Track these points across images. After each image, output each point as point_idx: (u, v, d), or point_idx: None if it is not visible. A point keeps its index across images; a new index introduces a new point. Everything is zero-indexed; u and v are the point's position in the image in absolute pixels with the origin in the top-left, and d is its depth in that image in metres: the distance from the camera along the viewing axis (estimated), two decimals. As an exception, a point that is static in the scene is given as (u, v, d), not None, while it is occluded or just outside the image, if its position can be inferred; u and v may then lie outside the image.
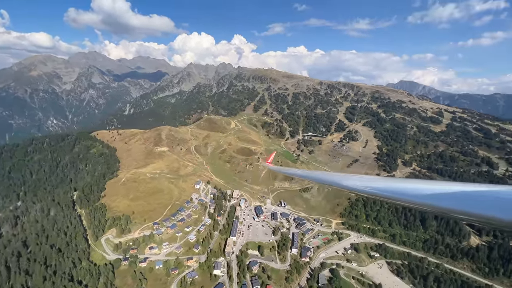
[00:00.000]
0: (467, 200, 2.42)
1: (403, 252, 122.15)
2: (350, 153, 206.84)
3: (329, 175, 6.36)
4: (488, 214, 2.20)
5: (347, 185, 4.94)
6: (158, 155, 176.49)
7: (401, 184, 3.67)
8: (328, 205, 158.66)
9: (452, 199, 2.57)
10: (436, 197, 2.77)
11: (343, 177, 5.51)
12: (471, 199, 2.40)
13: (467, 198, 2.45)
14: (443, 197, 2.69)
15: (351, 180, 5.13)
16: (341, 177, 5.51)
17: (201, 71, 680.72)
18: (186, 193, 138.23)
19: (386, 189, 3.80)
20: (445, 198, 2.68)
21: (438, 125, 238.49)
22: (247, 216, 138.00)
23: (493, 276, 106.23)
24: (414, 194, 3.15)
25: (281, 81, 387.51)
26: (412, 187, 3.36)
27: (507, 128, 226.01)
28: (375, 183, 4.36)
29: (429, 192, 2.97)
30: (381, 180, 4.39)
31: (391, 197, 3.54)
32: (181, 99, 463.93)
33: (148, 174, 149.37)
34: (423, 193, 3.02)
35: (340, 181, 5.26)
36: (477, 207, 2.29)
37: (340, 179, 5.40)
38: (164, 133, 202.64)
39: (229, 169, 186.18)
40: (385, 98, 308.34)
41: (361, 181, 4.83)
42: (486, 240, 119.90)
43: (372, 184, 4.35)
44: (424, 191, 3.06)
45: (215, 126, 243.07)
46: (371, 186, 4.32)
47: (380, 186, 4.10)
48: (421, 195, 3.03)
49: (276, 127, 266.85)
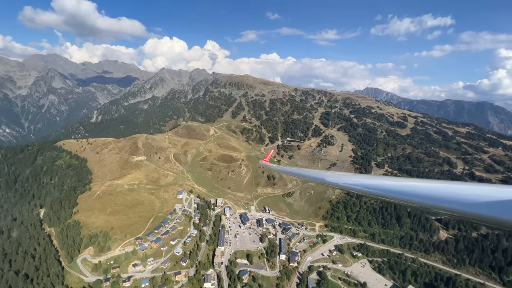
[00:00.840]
0: (468, 201, 2.39)
1: (382, 249, 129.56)
2: (328, 157, 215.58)
3: (324, 174, 6.42)
4: (490, 214, 2.19)
5: (344, 183, 5.01)
6: (135, 165, 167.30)
7: (397, 183, 3.66)
8: (311, 208, 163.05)
9: (453, 200, 2.50)
10: (441, 198, 2.68)
11: (338, 175, 5.75)
12: (472, 200, 2.38)
13: (468, 199, 2.42)
14: (447, 199, 2.60)
15: (346, 178, 5.27)
16: (336, 176, 5.72)
17: (175, 77, 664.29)
18: (168, 204, 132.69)
19: (381, 188, 3.81)
20: (447, 199, 2.60)
21: (404, 129, 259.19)
22: (233, 224, 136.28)
23: (460, 266, 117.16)
24: (410, 193, 3.13)
25: (258, 88, 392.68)
26: (408, 186, 3.36)
27: (460, 130, 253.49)
28: (371, 181, 4.39)
29: (431, 192, 2.89)
30: (376, 178, 4.37)
31: (386, 196, 3.56)
32: (154, 106, 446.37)
33: (125, 186, 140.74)
34: (421, 193, 2.98)
35: (337, 179, 5.40)
36: (478, 208, 2.29)
37: (336, 177, 5.60)
38: (141, 142, 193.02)
39: (211, 177, 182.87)
40: (356, 104, 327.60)
41: (357, 179, 4.88)
42: (452, 233, 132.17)
43: (368, 182, 4.38)
44: (423, 191, 3.03)
45: (194, 133, 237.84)
46: (367, 184, 4.33)
47: (375, 184, 4.13)
48: (419, 194, 3.00)
49: (256, 133, 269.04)
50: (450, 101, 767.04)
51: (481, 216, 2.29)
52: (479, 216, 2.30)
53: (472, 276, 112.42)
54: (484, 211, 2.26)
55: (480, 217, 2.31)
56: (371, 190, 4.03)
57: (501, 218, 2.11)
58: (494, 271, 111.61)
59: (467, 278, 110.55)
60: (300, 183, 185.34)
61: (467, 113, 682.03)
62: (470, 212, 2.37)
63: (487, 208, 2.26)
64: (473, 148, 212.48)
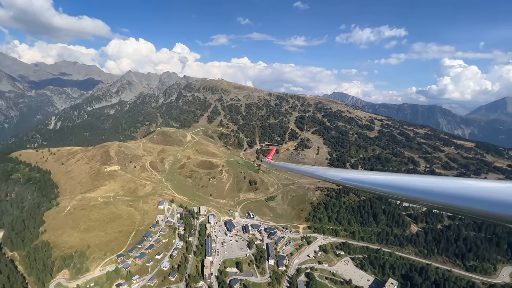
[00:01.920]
0: (474, 197, 2.44)
1: (362, 246, 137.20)
2: (306, 160, 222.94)
3: (326, 170, 6.60)
4: (492, 210, 2.23)
5: (345, 177, 5.21)
6: (108, 176, 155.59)
7: (396, 177, 3.81)
8: (293, 211, 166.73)
9: (458, 197, 2.57)
10: (440, 194, 2.80)
11: (339, 171, 5.91)
12: (476, 196, 2.44)
13: (473, 196, 2.48)
14: (448, 194, 2.70)
15: (347, 173, 5.46)
16: (337, 171, 5.89)
17: (143, 80, 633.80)
18: (149, 215, 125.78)
19: (383, 184, 3.91)
20: (448, 194, 2.70)
21: (372, 131, 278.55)
22: (218, 232, 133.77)
23: (430, 256, 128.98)
24: (410, 188, 3.26)
25: (233, 92, 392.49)
26: (409, 181, 3.47)
27: (419, 132, 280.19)
28: (373, 176, 4.48)
29: (432, 188, 3.01)
30: (377, 174, 4.49)
31: (386, 192, 3.67)
32: (122, 111, 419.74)
33: (100, 199, 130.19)
34: (422, 189, 3.10)
35: (338, 174, 5.52)
36: (481, 204, 2.33)
37: (337, 172, 5.73)
38: (113, 150, 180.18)
39: (192, 184, 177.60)
40: (328, 108, 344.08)
41: (358, 174, 5.05)
42: (421, 226, 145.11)
43: (370, 178, 4.46)
44: (423, 187, 3.15)
45: (170, 139, 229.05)
46: (369, 180, 4.44)
47: (377, 180, 4.24)
48: (416, 189, 3.14)
49: (234, 138, 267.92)
50: (406, 105, 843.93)
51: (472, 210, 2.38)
52: (472, 210, 2.39)
53: (440, 264, 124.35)
54: (478, 206, 2.33)
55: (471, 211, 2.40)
56: (367, 185, 4.20)
57: (500, 213, 2.19)
58: (458, 258, 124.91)
59: (436, 266, 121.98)
60: (281, 187, 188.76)
61: (421, 116, 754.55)
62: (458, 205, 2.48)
63: (480, 204, 2.33)
64: (431, 147, 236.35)
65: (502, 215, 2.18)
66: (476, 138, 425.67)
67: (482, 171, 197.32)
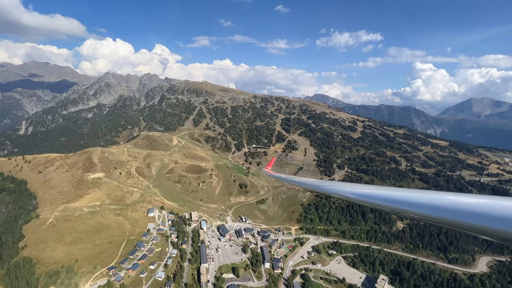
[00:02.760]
0: (477, 215, 2.44)
1: (353, 245, 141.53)
2: (294, 161, 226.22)
3: (327, 184, 6.72)
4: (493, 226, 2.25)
5: (341, 192, 5.34)
6: (92, 184, 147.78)
7: (393, 193, 3.89)
8: (285, 213, 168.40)
9: (461, 213, 2.58)
10: (443, 210, 2.80)
11: (335, 185, 6.02)
12: (482, 213, 2.44)
13: (474, 212, 2.48)
14: (454, 211, 2.68)
15: (346, 187, 5.55)
16: (338, 185, 5.95)
17: (122, 82, 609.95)
18: (140, 224, 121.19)
19: (382, 198, 3.97)
20: (452, 211, 2.69)
21: (355, 132, 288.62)
22: (212, 238, 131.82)
23: (416, 250, 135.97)
24: (409, 202, 3.30)
25: (218, 95, 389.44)
26: (407, 196, 3.53)
27: (398, 132, 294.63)
28: (377, 192, 4.51)
29: (433, 203, 3.03)
30: (375, 188, 4.58)
31: (384, 206, 3.76)
32: (101, 114, 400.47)
33: (85, 209, 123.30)
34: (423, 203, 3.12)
35: (339, 189, 5.61)
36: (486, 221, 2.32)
37: (338, 187, 5.79)
38: (96, 156, 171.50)
39: (181, 190, 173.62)
40: (312, 110, 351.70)
41: (359, 189, 5.07)
42: (406, 223, 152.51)
43: (374, 193, 4.50)
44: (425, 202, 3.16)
45: (156, 143, 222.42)
46: (370, 194, 4.51)
47: (378, 194, 4.32)
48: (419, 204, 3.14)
49: (221, 141, 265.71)
50: (384, 106, 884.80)
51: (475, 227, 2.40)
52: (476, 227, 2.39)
53: (425, 258, 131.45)
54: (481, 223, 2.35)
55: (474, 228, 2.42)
56: (372, 201, 4.27)
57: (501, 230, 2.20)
58: (441, 251, 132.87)
59: (422, 260, 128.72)
60: (271, 189, 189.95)
61: (397, 116, 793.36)
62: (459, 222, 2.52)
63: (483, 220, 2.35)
64: (410, 147, 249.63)
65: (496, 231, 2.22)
66: (447, 137, 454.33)
67: (457, 168, 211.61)
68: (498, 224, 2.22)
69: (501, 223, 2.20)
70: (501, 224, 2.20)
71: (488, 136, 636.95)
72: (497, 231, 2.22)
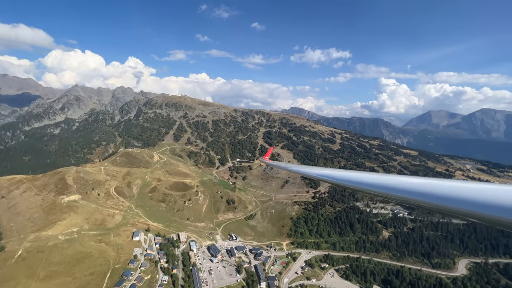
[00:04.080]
0: (470, 200, 2.50)
1: (344, 256, 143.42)
2: (280, 175, 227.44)
3: (326, 170, 6.80)
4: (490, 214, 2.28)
5: (342, 178, 5.43)
6: (67, 208, 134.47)
7: (391, 178, 3.99)
8: (275, 228, 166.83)
9: (457, 199, 2.62)
10: (441, 196, 2.85)
11: (337, 171, 6.08)
12: (473, 199, 2.48)
13: (469, 198, 2.53)
14: (449, 197, 2.75)
15: (344, 173, 5.62)
16: (336, 172, 6.11)
17: (93, 95, 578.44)
18: (125, 250, 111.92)
19: (378, 185, 4.02)
20: (449, 197, 2.75)
21: (334, 144, 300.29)
22: (203, 260, 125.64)
23: (402, 258, 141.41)
24: (406, 189, 3.38)
25: (198, 109, 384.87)
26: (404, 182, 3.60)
27: (373, 143, 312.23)
28: (369, 178, 4.58)
29: (434, 190, 3.08)
30: (374, 175, 4.64)
31: (383, 193, 3.81)
32: (70, 130, 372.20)
33: (61, 237, 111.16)
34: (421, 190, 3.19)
35: (336, 175, 5.72)
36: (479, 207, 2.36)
37: (335, 173, 5.91)
38: (71, 176, 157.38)
39: (166, 209, 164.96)
40: (292, 123, 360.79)
41: (356, 175, 5.15)
42: (391, 231, 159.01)
43: (368, 178, 4.57)
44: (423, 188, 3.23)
45: (136, 160, 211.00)
46: (367, 181, 4.53)
47: (373, 181, 4.35)
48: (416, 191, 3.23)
49: (204, 156, 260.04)
50: (355, 118, 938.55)
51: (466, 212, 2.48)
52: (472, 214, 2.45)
53: (411, 265, 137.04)
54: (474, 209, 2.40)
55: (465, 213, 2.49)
56: (365, 187, 4.42)
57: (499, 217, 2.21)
58: (425, 257, 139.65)
59: (409, 267, 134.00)
60: (259, 204, 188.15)
61: (368, 128, 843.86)
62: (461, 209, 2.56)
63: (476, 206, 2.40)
64: (386, 157, 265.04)
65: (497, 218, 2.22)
66: (412, 146, 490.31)
67: (429, 176, 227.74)
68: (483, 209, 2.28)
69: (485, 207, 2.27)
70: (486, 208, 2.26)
71: (446, 144, 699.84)
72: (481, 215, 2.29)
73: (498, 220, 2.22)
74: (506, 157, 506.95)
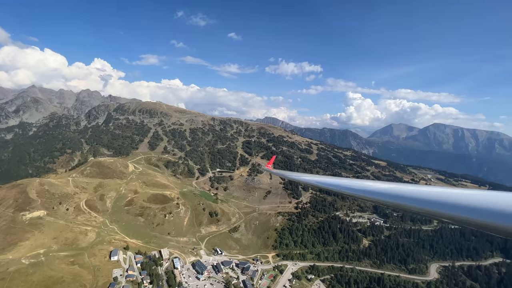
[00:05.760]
0: (468, 207, 2.52)
1: (328, 266, 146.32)
2: (262, 185, 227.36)
3: (334, 180, 6.80)
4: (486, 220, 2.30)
5: (345, 186, 5.58)
6: (31, 225, 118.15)
7: (393, 187, 4.07)
8: (259, 240, 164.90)
9: (457, 207, 2.66)
10: (441, 204, 2.89)
11: (344, 181, 6.15)
12: (470, 206, 2.52)
13: (468, 206, 2.56)
14: (448, 204, 2.79)
15: (349, 182, 5.71)
16: (335, 180, 6.31)
17: (53, 98, 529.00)
18: (103, 272, 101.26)
19: (386, 193, 4.04)
20: (448, 205, 2.80)
21: (311, 154, 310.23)
22: (189, 278, 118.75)
23: (382, 265, 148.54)
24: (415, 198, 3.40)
25: (174, 116, 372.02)
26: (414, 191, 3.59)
27: (347, 154, 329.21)
28: (372, 185, 4.73)
29: (435, 198, 3.11)
30: (377, 183, 4.73)
31: (387, 202, 3.88)
32: (26, 135, 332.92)
33: (24, 260, 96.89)
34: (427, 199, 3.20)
35: (346, 185, 5.76)
36: (474, 214, 2.40)
37: (344, 183, 5.97)
38: (33, 189, 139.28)
39: (144, 224, 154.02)
40: (270, 133, 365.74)
41: (356, 183, 5.31)
42: (370, 240, 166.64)
43: (372, 187, 4.68)
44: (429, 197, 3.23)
45: (109, 171, 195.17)
46: (371, 189, 4.64)
47: (379, 189, 4.39)
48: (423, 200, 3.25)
49: (183, 165, 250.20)
50: (326, 129, 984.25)
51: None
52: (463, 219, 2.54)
53: (390, 271, 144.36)
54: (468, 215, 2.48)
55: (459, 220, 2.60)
56: (369, 195, 4.55)
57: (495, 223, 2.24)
58: (402, 264, 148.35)
59: (389, 274, 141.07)
60: (243, 216, 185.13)
61: (338, 139, 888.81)
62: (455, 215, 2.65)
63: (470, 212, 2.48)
64: (359, 167, 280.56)
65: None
66: (378, 156, 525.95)
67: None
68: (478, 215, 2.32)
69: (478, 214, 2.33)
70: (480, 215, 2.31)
71: (406, 155, 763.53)
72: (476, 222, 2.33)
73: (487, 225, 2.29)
74: (455, 167, 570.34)
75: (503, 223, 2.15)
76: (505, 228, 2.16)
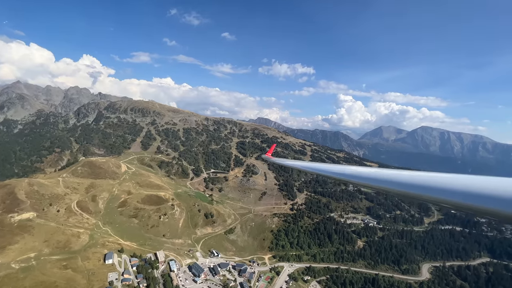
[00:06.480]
0: (471, 194, 2.58)
1: (324, 268, 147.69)
2: (257, 186, 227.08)
3: (332, 167, 6.77)
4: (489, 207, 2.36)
5: (346, 173, 5.63)
6: (20, 228, 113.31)
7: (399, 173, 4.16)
8: (256, 242, 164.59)
9: (457, 193, 2.74)
10: (443, 191, 2.94)
11: (344, 167, 6.07)
12: (472, 192, 2.58)
13: (469, 192, 2.63)
14: (450, 191, 2.85)
15: (350, 170, 5.71)
16: (342, 168, 6.14)
17: (40, 94, 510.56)
18: (98, 277, 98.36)
19: (383, 180, 4.16)
20: (450, 191, 2.86)
21: (305, 156, 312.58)
22: (186, 281, 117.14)
23: (376, 266, 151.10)
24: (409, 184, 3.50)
25: (167, 116, 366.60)
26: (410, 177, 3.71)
27: (339, 155, 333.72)
28: (377, 173, 4.72)
29: (434, 185, 3.20)
30: (380, 170, 4.76)
31: (388, 189, 3.98)
32: (11, 133, 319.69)
33: (14, 265, 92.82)
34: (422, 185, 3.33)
35: (343, 171, 5.79)
36: (477, 200, 2.45)
37: (342, 169, 5.95)
38: (22, 190, 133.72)
39: (139, 225, 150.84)
40: (264, 134, 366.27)
41: (365, 171, 5.26)
42: (364, 241, 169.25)
43: (372, 173, 4.73)
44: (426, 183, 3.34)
45: (101, 171, 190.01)
46: (371, 176, 4.71)
47: (380, 175, 4.50)
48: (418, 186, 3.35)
49: (177, 166, 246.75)
50: (318, 131, 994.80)
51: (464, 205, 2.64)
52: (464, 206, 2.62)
53: (384, 272, 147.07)
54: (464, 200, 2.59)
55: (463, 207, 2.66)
56: (370, 182, 4.65)
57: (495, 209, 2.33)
58: (395, 264, 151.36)
59: (383, 275, 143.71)
60: (238, 217, 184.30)
61: (329, 140, 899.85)
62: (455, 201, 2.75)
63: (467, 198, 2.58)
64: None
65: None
66: (368, 158, 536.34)
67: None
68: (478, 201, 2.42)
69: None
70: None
71: (396, 157, 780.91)
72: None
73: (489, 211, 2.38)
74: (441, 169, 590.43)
75: (492, 207, 2.32)
76: (493, 211, 2.34)
